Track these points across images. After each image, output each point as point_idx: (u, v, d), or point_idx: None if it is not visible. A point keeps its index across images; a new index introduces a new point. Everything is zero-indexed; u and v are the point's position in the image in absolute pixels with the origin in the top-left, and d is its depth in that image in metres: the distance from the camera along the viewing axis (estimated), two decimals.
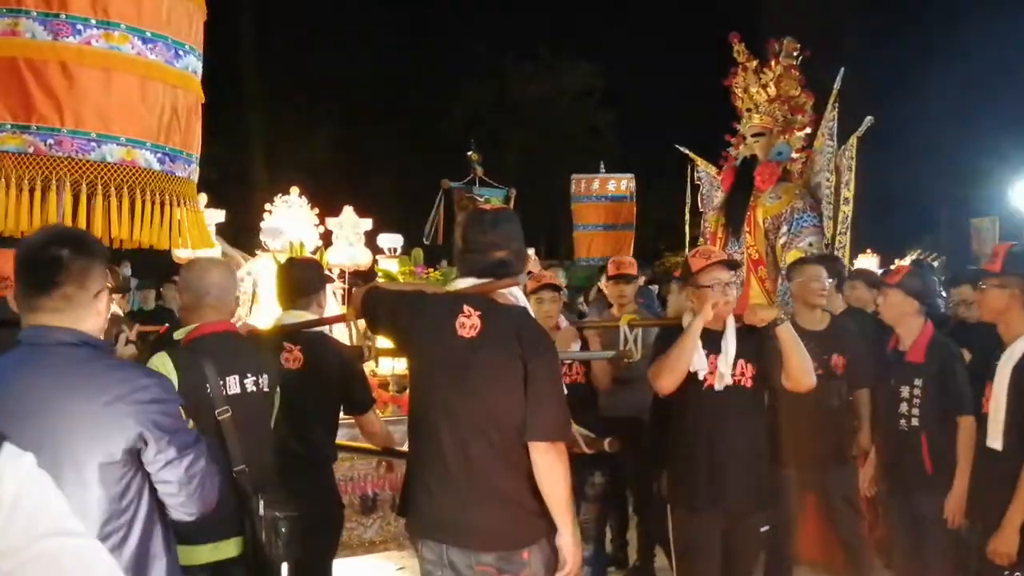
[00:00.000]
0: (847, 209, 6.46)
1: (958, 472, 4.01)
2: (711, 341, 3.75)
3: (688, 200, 7.92)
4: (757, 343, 3.75)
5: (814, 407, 4.49)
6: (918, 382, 4.20)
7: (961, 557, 4.16)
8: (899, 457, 4.28)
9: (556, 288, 4.93)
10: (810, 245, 6.50)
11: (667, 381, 3.70)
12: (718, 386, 3.71)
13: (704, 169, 7.81)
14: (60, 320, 2.13)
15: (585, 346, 5.12)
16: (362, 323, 3.39)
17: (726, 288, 3.72)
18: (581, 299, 8.02)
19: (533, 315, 4.55)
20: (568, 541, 2.87)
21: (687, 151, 7.92)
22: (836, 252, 6.43)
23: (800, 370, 3.67)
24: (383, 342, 3.46)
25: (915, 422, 4.20)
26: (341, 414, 3.91)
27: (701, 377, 3.73)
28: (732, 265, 3.84)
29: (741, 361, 3.72)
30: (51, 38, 3.42)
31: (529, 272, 4.75)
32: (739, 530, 3.77)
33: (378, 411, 4.31)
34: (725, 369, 3.70)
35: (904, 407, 4.23)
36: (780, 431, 4.84)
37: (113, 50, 3.52)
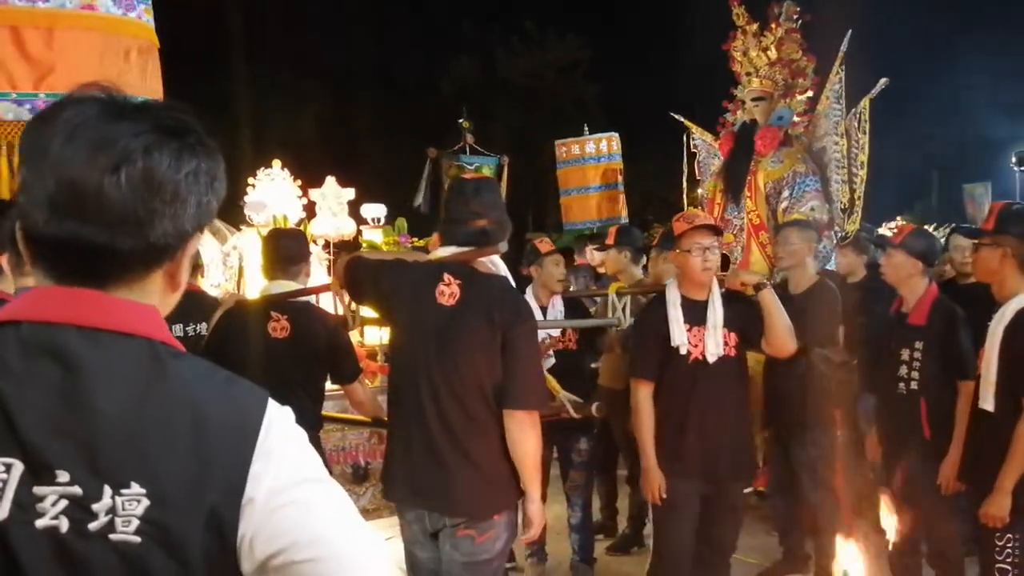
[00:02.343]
0: (863, 173, 6.38)
1: (955, 438, 3.91)
2: (695, 312, 3.76)
3: (685, 169, 7.85)
4: (738, 310, 3.76)
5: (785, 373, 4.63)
6: (919, 345, 4.09)
7: (957, 523, 4.13)
8: (897, 421, 4.21)
9: (564, 253, 5.09)
10: (812, 209, 6.44)
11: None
12: (711, 359, 3.71)
13: (700, 137, 7.74)
14: None
15: (582, 314, 5.16)
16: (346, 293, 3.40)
17: (706, 253, 3.70)
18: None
19: (544, 276, 4.81)
20: (536, 507, 2.93)
21: (682, 119, 7.82)
22: (852, 217, 6.39)
23: (782, 335, 3.70)
24: (368, 311, 3.47)
25: (914, 386, 4.10)
26: (331, 385, 3.93)
27: (684, 352, 3.73)
28: (715, 230, 3.82)
29: (724, 330, 3.73)
30: (29, 4, 3.38)
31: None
32: (722, 494, 3.81)
33: (366, 381, 4.32)
34: (715, 342, 3.71)
35: (904, 370, 4.13)
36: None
37: (86, 11, 3.47)
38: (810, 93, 6.91)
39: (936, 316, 4.11)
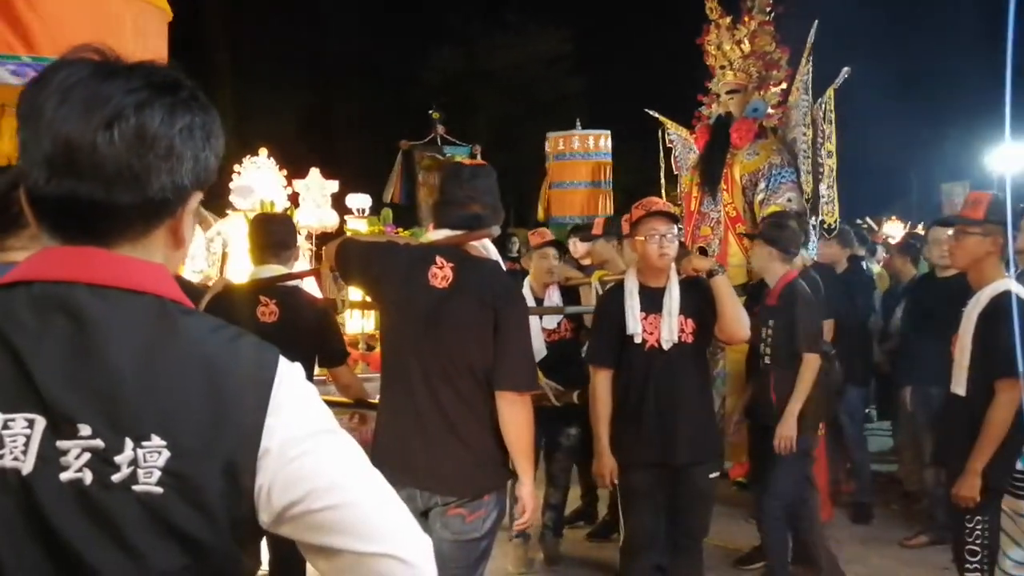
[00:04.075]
0: (831, 163, 6.45)
1: (791, 401, 4.32)
2: (652, 299, 3.80)
3: (662, 164, 7.91)
4: (695, 297, 3.79)
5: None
6: (771, 323, 4.51)
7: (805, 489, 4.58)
8: (757, 393, 4.63)
9: (558, 245, 5.34)
10: (788, 201, 6.50)
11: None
12: (666, 346, 3.75)
13: (675, 132, 7.79)
14: None
15: (576, 301, 5.23)
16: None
17: (663, 240, 3.72)
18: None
19: (533, 268, 4.88)
20: (528, 490, 2.95)
21: (656, 114, 7.89)
22: (823, 206, 6.45)
23: (734, 322, 3.73)
24: (355, 294, 3.50)
25: (767, 360, 4.54)
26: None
27: (638, 340, 3.78)
28: (671, 217, 3.83)
29: (680, 317, 3.76)
30: None
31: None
32: (687, 479, 3.85)
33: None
34: (669, 329, 3.74)
35: (762, 347, 4.57)
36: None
37: None
38: (784, 85, 6.96)
39: (784, 297, 4.49)
